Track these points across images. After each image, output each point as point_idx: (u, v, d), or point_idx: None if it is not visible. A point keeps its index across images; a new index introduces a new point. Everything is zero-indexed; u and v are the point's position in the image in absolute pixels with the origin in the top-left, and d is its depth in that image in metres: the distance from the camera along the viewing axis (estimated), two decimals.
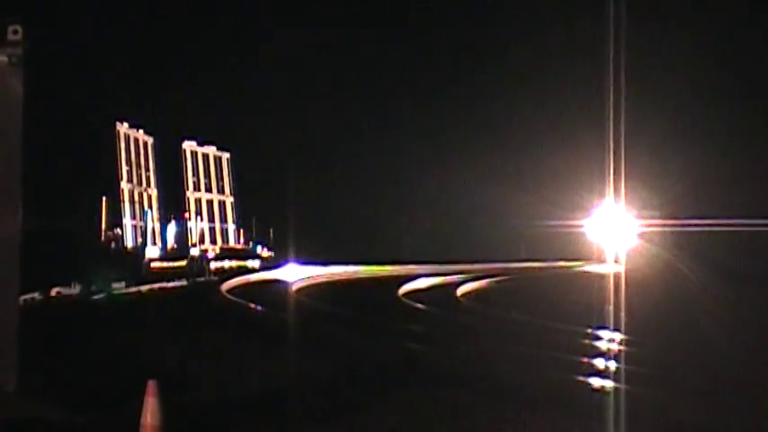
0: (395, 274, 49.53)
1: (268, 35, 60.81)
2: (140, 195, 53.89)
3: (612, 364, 17.49)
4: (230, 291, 35.48)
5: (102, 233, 46.34)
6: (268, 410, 13.37)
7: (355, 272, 51.05)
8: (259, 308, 28.64)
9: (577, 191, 49.96)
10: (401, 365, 17.63)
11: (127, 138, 52.65)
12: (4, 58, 13.03)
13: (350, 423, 12.83)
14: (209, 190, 61.09)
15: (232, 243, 62.10)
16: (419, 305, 31.31)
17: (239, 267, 52.04)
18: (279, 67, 60.92)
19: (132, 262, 44.10)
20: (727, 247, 40.88)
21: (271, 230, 61.63)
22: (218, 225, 61.62)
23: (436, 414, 13.34)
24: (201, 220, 59.67)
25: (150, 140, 55.32)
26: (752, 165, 43.03)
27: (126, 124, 52.42)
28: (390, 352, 19.20)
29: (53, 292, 28.79)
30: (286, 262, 49.54)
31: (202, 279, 42.54)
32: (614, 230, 44.39)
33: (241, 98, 59.82)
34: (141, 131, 54.20)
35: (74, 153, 43.69)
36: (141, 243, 51.57)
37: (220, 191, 62.10)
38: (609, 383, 15.45)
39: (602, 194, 41.26)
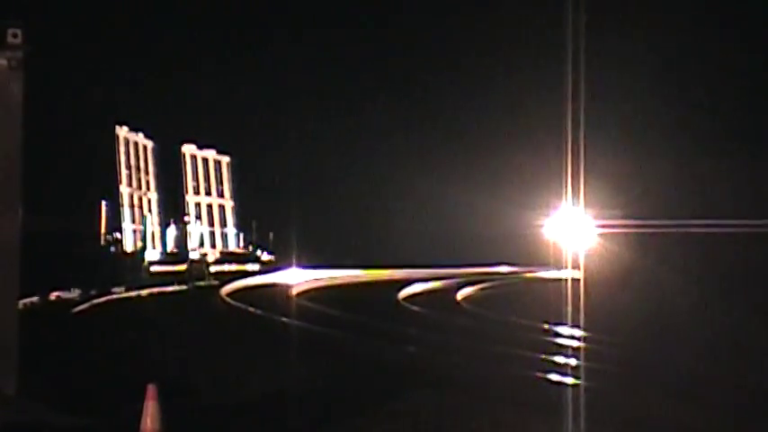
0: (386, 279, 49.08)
1: (267, 37, 60.81)
2: (140, 199, 53.91)
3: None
4: (230, 295, 35.47)
5: (102, 237, 46.35)
6: (267, 414, 13.37)
7: (350, 276, 50.52)
8: (258, 312, 28.64)
9: (536, 191, 49.04)
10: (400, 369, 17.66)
11: (126, 141, 52.66)
12: (4, 62, 13.02)
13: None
14: (208, 193, 61.11)
15: (232, 247, 62.12)
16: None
17: (239, 271, 52.06)
18: (279, 68, 60.91)
19: (132, 266, 44.10)
20: (690, 248, 41.02)
21: (271, 234, 61.66)
22: (218, 229, 61.63)
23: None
24: (201, 223, 59.68)
25: (150, 144, 55.33)
26: (713, 165, 43.10)
27: (125, 128, 52.43)
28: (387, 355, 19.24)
29: (52, 295, 28.79)
30: (286, 266, 49.53)
31: (202, 283, 42.54)
32: (573, 232, 43.68)
33: (241, 101, 59.81)
34: (141, 135, 54.22)
35: (73, 157, 43.69)
36: (141, 247, 51.59)
37: (220, 194, 62.12)
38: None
39: (560, 195, 40.85)
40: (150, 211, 54.99)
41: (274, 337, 22.79)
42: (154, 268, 47.98)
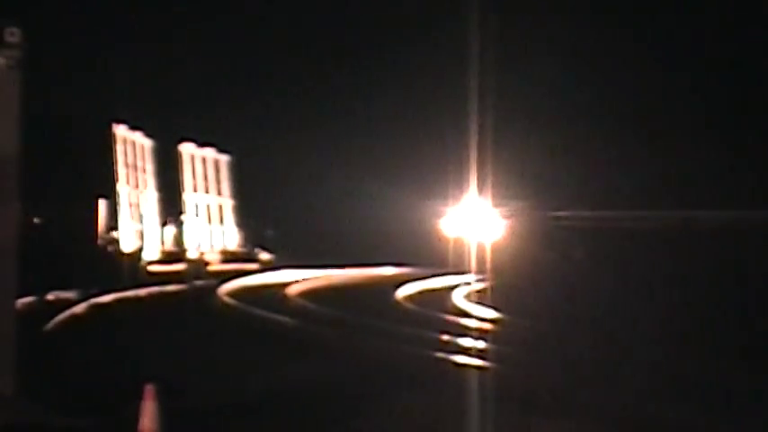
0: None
1: (268, 36, 60.75)
2: (138, 198, 53.90)
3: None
4: (228, 294, 35.45)
5: (100, 236, 46.33)
6: (266, 413, 13.35)
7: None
8: (256, 311, 28.64)
9: (440, 183, 46.74)
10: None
11: (124, 140, 52.66)
12: (2, 61, 13.00)
13: None
14: (207, 192, 61.11)
15: (231, 246, 62.12)
16: None
17: (238, 270, 52.04)
18: (278, 68, 60.87)
19: (130, 265, 44.07)
20: (598, 239, 41.29)
21: (270, 233, 61.66)
22: (216, 228, 61.63)
23: None
24: (200, 222, 59.68)
25: (148, 143, 55.33)
26: (621, 154, 43.30)
27: (124, 126, 52.43)
28: None
29: (50, 295, 28.75)
30: (286, 265, 49.50)
31: (201, 282, 42.49)
32: (478, 223, 42.59)
33: (240, 100, 59.77)
34: (139, 134, 54.22)
35: (71, 156, 43.67)
36: (139, 246, 51.58)
37: (219, 193, 62.12)
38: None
39: (465, 185, 40.17)
40: (148, 210, 54.99)
41: (270, 338, 22.80)
42: (152, 268, 47.95)
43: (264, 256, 59.63)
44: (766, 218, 35.33)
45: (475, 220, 42.72)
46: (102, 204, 47.47)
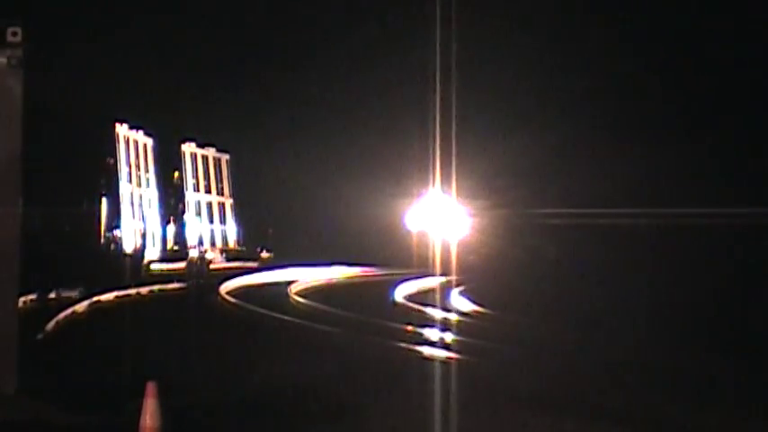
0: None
1: (268, 36, 60.69)
2: (140, 197, 53.92)
3: None
4: (229, 293, 35.49)
5: (102, 235, 46.34)
6: (266, 410, 13.38)
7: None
8: (258, 309, 28.71)
9: (402, 180, 45.78)
10: None
11: (126, 139, 52.67)
12: (4, 60, 13.04)
13: None
14: (208, 191, 61.11)
15: (231, 245, 62.12)
16: None
17: (239, 269, 52.03)
18: (278, 68, 60.79)
19: (132, 264, 44.08)
20: (552, 236, 41.50)
21: (270, 231, 61.62)
22: (217, 227, 61.64)
23: None
24: (201, 221, 59.69)
25: (150, 142, 55.34)
26: (584, 154, 43.37)
27: (125, 126, 52.44)
28: None
29: (52, 294, 28.76)
30: (286, 263, 49.45)
31: (202, 281, 42.51)
32: (442, 221, 41.90)
33: (241, 99, 59.71)
34: (141, 133, 54.22)
35: (73, 155, 43.66)
36: (140, 245, 51.59)
37: (220, 192, 62.12)
38: None
39: (427, 183, 39.70)
40: (150, 208, 55.00)
41: (270, 336, 22.83)
42: (154, 266, 47.97)
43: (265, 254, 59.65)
44: (734, 215, 35.87)
45: (441, 217, 42.15)
46: (104, 203, 47.46)
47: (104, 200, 47.18)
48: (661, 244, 38.73)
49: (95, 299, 29.13)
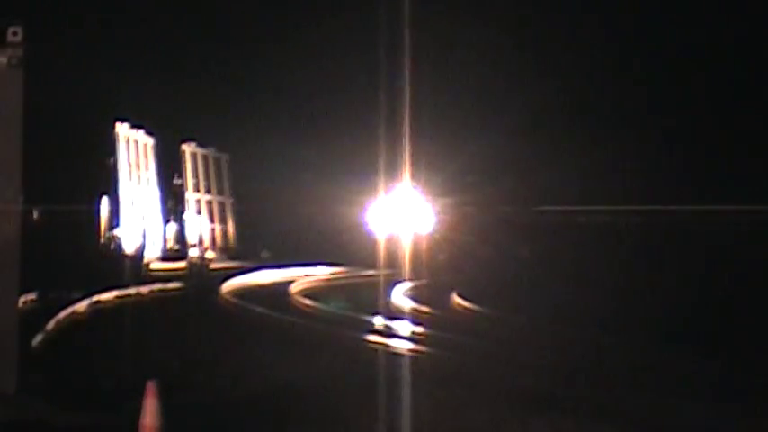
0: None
1: (268, 36, 60.60)
2: (140, 196, 53.93)
3: None
4: (230, 292, 35.51)
5: (102, 234, 46.36)
6: (266, 410, 13.39)
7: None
8: (257, 309, 28.74)
9: (368, 178, 44.54)
10: None
11: (127, 139, 52.69)
12: (4, 60, 13.04)
13: None
14: (208, 191, 61.10)
15: (232, 244, 62.10)
16: None
17: (238, 268, 52.02)
18: (279, 68, 60.71)
19: (132, 263, 44.09)
20: (515, 232, 41.61)
21: (270, 231, 61.57)
22: (217, 226, 61.63)
23: None
24: (201, 221, 59.67)
25: (150, 141, 55.35)
26: (548, 153, 43.40)
27: (126, 125, 52.45)
28: None
29: (52, 294, 28.76)
30: (287, 263, 49.40)
31: (202, 280, 42.52)
32: (406, 219, 41.07)
33: (241, 99, 59.64)
34: (141, 132, 54.24)
35: (73, 154, 43.67)
36: (141, 244, 51.59)
37: (220, 192, 62.11)
38: None
39: (393, 180, 39.08)
40: (150, 208, 55.00)
41: (271, 334, 22.85)
42: (154, 265, 47.97)
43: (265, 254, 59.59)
44: (689, 212, 36.24)
45: (407, 215, 41.36)
46: (105, 202, 47.47)
47: (105, 199, 47.20)
48: (634, 240, 39.16)
49: (95, 298, 29.15)
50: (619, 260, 37.27)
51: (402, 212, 41.40)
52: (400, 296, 32.48)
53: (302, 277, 42.66)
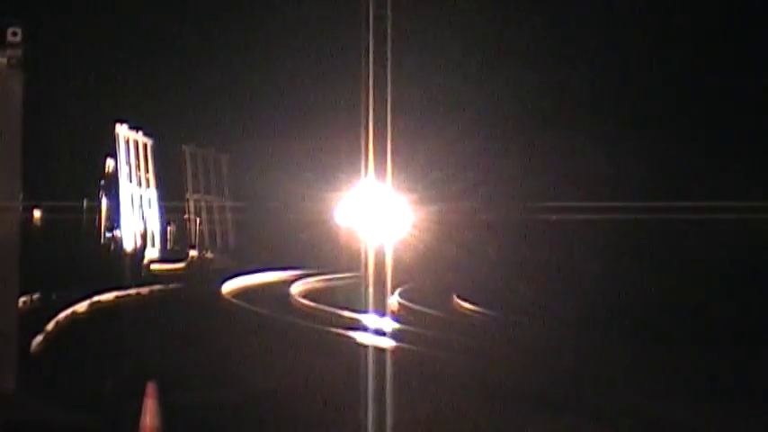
0: None
1: (268, 36, 60.57)
2: (140, 197, 53.94)
3: None
4: (230, 292, 35.53)
5: (102, 235, 46.37)
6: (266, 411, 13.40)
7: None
8: (256, 309, 28.79)
9: (333, 172, 43.47)
10: None
11: (126, 139, 52.70)
12: (4, 60, 13.05)
13: None
14: (208, 192, 61.12)
15: (231, 244, 62.12)
16: None
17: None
18: (278, 68, 60.66)
19: (132, 264, 44.09)
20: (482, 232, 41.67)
21: (269, 232, 61.56)
22: (217, 226, 61.65)
23: None
24: (201, 221, 59.68)
25: (150, 142, 55.37)
26: (523, 150, 43.40)
27: (126, 126, 52.46)
28: None
29: (52, 294, 28.76)
30: (286, 264, 49.32)
31: (202, 281, 42.52)
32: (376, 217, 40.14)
33: (241, 100, 59.61)
34: (141, 133, 54.25)
35: (73, 155, 43.67)
36: (141, 245, 51.59)
37: (220, 193, 62.14)
38: None
39: (359, 176, 38.22)
40: (150, 208, 55.02)
41: (271, 334, 22.88)
42: (154, 266, 47.98)
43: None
44: (659, 209, 36.52)
45: (375, 213, 40.21)
46: (105, 203, 47.48)
47: (104, 200, 47.21)
48: (604, 239, 39.33)
49: (95, 299, 29.14)
50: (596, 259, 37.49)
51: (374, 211, 39.89)
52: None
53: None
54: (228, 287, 37.30)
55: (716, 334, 21.29)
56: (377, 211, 40.95)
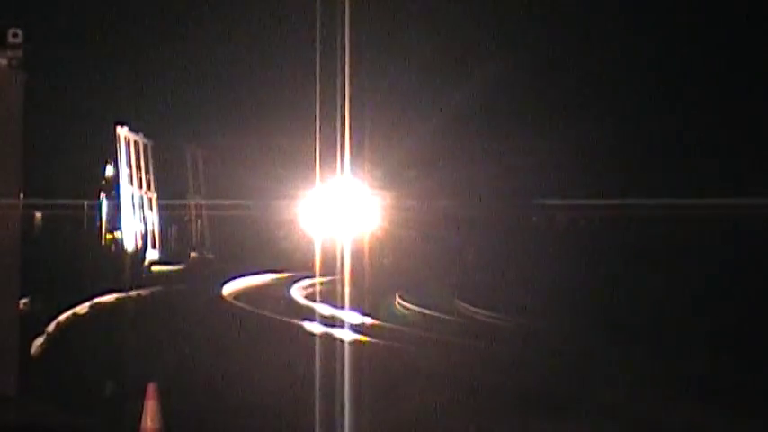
0: None
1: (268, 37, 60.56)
2: (140, 198, 53.93)
3: None
4: (231, 293, 35.56)
5: (103, 236, 46.37)
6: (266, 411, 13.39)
7: None
8: (258, 310, 28.79)
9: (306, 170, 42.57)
10: None
11: (127, 141, 52.68)
12: (4, 62, 13.05)
13: None
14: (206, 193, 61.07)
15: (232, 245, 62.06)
16: None
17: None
18: (279, 68, 60.67)
19: (132, 265, 44.08)
20: (452, 227, 41.72)
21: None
22: (217, 227, 61.59)
23: None
24: (201, 222, 59.64)
25: (150, 143, 55.35)
26: (492, 145, 43.38)
27: (126, 127, 52.45)
28: None
29: (53, 295, 28.76)
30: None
31: (203, 281, 42.51)
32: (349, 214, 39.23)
33: (241, 100, 59.63)
34: (141, 134, 54.24)
35: (74, 156, 43.69)
36: (141, 246, 51.58)
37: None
38: None
39: (331, 172, 37.54)
40: (151, 210, 54.99)
41: (274, 334, 22.88)
42: (155, 268, 47.97)
43: None
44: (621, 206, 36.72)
45: (346, 210, 39.30)
46: (105, 204, 47.47)
47: (105, 201, 47.20)
48: (580, 235, 39.47)
49: (96, 300, 29.15)
50: (572, 256, 37.69)
51: (342, 209, 38.51)
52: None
53: None
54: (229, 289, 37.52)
55: (716, 334, 21.26)
56: (348, 211, 40.36)
